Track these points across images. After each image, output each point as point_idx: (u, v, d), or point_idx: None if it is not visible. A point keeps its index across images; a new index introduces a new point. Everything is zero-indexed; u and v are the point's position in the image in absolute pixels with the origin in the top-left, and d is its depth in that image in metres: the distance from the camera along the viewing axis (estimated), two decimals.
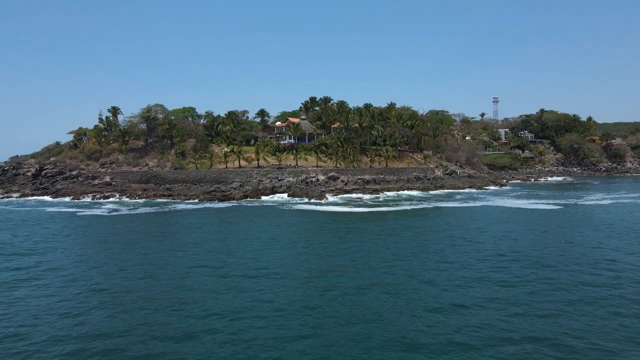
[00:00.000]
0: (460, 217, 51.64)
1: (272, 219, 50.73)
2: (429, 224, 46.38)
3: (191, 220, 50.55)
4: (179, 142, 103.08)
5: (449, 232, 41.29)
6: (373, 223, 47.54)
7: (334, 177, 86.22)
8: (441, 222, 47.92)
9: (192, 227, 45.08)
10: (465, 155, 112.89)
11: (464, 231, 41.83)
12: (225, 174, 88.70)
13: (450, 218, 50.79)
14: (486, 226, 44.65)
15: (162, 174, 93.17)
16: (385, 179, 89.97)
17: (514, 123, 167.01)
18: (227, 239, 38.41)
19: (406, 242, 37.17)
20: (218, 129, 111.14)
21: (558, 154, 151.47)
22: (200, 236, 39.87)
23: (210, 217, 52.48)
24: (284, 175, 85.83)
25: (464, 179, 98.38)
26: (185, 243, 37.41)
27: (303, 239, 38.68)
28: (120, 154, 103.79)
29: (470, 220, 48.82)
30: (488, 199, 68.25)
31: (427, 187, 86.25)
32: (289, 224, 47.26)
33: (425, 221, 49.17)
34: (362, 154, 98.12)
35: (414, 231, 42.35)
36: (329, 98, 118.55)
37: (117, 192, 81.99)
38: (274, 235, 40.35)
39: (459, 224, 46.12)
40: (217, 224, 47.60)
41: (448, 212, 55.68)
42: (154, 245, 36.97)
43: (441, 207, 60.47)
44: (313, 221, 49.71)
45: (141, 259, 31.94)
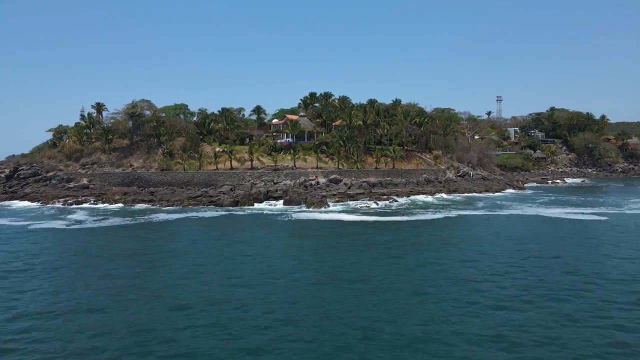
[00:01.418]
0: (492, 230, 41.80)
1: (265, 235, 40.68)
2: (458, 240, 36.50)
3: (166, 238, 40.48)
4: (166, 140, 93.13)
5: (485, 252, 31.45)
6: (390, 237, 37.67)
7: (335, 180, 76.28)
8: (472, 238, 38.02)
9: (164, 251, 34.88)
10: (477, 155, 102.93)
11: (506, 252, 31.97)
12: (215, 176, 78.75)
13: (482, 232, 40.90)
14: (533, 245, 34.77)
15: (147, 176, 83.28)
16: (393, 181, 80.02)
17: (524, 122, 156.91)
18: (205, 277, 27.64)
19: (437, 265, 27.37)
20: (210, 127, 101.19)
21: (571, 154, 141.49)
22: (170, 272, 28.51)
23: (189, 233, 42.44)
24: (280, 177, 75.87)
25: (478, 182, 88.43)
26: (147, 283, 27.42)
27: (310, 277, 28.34)
28: (102, 154, 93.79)
29: (507, 236, 38.90)
30: (514, 207, 58.32)
31: (439, 190, 76.37)
32: (287, 245, 36.90)
33: (451, 235, 39.33)
34: (367, 154, 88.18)
35: (441, 250, 32.53)
36: (330, 94, 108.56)
37: (93, 197, 72.11)
38: (267, 268, 30.27)
39: (494, 241, 36.24)
40: (194, 247, 37.61)
41: (475, 224, 45.88)
42: (102, 286, 27.02)
43: (465, 217, 50.64)
44: (317, 241, 39.69)
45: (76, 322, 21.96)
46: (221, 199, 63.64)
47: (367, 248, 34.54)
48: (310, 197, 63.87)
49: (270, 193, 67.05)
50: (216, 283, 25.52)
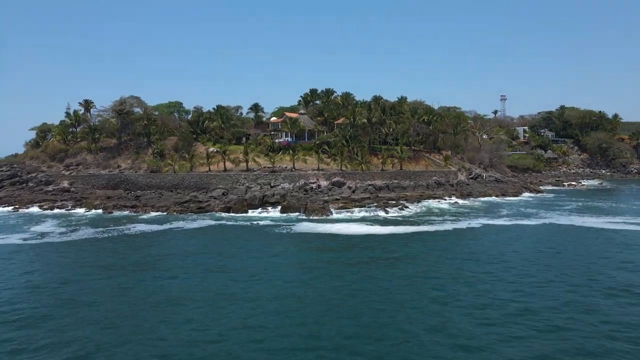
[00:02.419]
0: (533, 246, 34.43)
1: (255, 263, 32.94)
2: (492, 258, 29.09)
3: (134, 259, 33.06)
4: (157, 140, 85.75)
5: (540, 276, 24.10)
6: (415, 261, 30.26)
7: (338, 183, 68.83)
8: (515, 256, 30.60)
9: (121, 287, 27.35)
10: (488, 156, 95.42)
11: (567, 277, 24.61)
12: (207, 178, 71.35)
13: (522, 248, 33.49)
14: (595, 266, 27.38)
15: (134, 178, 75.93)
16: (401, 184, 72.57)
17: (533, 121, 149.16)
18: (174, 327, 20.41)
19: (494, 300, 20.05)
20: (204, 126, 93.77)
21: (583, 155, 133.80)
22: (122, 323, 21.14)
23: (166, 251, 35.00)
24: (277, 180, 68.42)
25: (491, 184, 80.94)
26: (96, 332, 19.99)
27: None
28: (88, 154, 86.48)
29: (555, 253, 31.54)
30: (543, 214, 50.84)
31: (451, 194, 68.93)
32: (283, 285, 26.32)
33: (487, 251, 31.92)
34: (372, 154, 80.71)
35: (491, 279, 25.14)
36: (332, 90, 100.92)
37: (72, 202, 64.77)
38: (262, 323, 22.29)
39: (544, 261, 28.84)
40: (169, 269, 30.19)
41: (508, 236, 38.59)
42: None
43: (491, 227, 43.30)
44: (324, 263, 32.19)
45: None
46: (211, 205, 56.22)
47: (396, 288, 25.10)
48: (310, 203, 56.44)
49: (267, 198, 59.60)
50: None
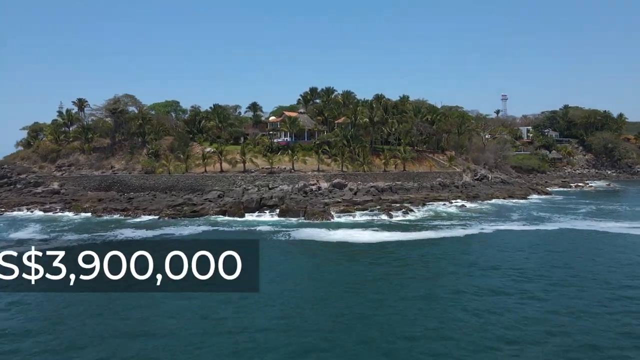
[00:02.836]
0: (552, 253, 31.41)
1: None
2: (516, 271, 25.99)
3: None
4: (152, 140, 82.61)
5: (575, 293, 21.03)
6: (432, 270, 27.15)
7: (339, 185, 65.74)
8: (533, 266, 27.48)
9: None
10: (493, 156, 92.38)
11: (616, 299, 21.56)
12: (202, 180, 68.28)
13: (546, 257, 30.40)
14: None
15: (127, 180, 72.86)
16: (404, 186, 69.48)
17: (536, 120, 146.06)
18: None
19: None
20: (201, 125, 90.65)
21: (588, 155, 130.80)
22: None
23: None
24: (276, 182, 65.34)
25: (497, 186, 77.83)
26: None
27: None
28: (81, 154, 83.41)
29: (580, 264, 28.42)
30: (556, 218, 47.73)
31: (457, 196, 65.84)
32: (285, 303, 22.68)
33: (502, 262, 28.79)
34: (373, 154, 77.65)
35: (516, 292, 22.06)
36: (332, 89, 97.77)
37: (61, 204, 61.67)
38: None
39: (578, 274, 25.75)
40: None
41: (522, 242, 35.56)
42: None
43: (505, 232, 40.18)
44: (329, 282, 28.78)
45: None
46: (206, 209, 53.11)
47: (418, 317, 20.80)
48: (310, 207, 53.36)
49: (264, 201, 56.47)
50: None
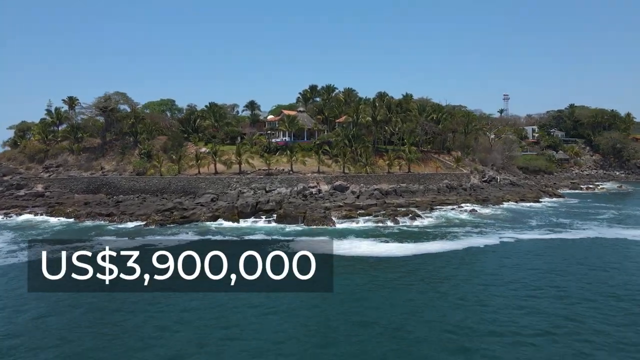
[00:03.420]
0: (590, 267, 27.02)
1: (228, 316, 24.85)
2: (553, 290, 21.77)
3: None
4: (144, 139, 78.34)
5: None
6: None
7: (341, 188, 61.43)
8: (572, 283, 23.24)
9: None
10: (500, 157, 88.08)
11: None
12: (195, 182, 64.01)
13: (580, 270, 26.09)
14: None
15: (117, 181, 68.59)
16: (409, 188, 65.15)
17: (541, 120, 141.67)
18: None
19: None
20: (196, 124, 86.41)
21: (595, 155, 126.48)
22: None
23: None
24: (273, 184, 61.03)
25: (507, 188, 73.52)
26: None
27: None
28: (70, 155, 79.20)
29: (622, 280, 24.14)
30: (578, 225, 43.43)
31: (465, 199, 61.47)
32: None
33: (538, 280, 24.54)
34: (376, 155, 73.38)
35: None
36: (333, 87, 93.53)
37: (44, 208, 57.35)
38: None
39: (618, 298, 21.50)
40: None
41: (552, 254, 31.29)
42: None
43: (527, 242, 35.99)
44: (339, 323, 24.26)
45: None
46: (197, 214, 48.73)
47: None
48: (310, 212, 49.03)
49: (260, 205, 52.12)
50: None
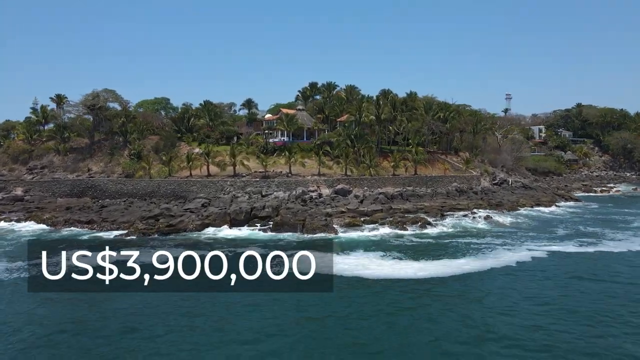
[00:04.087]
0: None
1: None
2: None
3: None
4: (135, 139, 73.39)
5: None
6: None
7: (343, 191, 56.47)
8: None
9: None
10: (510, 158, 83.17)
11: None
12: (187, 185, 59.05)
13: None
14: None
15: (103, 184, 63.66)
16: (416, 192, 60.20)
17: (547, 120, 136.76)
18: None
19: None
20: (190, 123, 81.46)
21: (604, 156, 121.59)
22: None
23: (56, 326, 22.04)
24: (270, 188, 56.07)
25: (519, 191, 68.56)
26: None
27: None
28: (56, 155, 74.25)
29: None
30: (612, 235, 38.42)
31: (477, 204, 56.44)
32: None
33: (604, 310, 19.62)
34: (380, 156, 68.45)
35: None
36: (334, 84, 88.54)
37: (22, 213, 52.51)
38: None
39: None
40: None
41: (594, 271, 26.56)
42: None
43: (563, 255, 30.93)
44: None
45: None
46: (185, 222, 43.71)
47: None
48: (310, 219, 44.07)
49: (255, 211, 47.15)
50: None
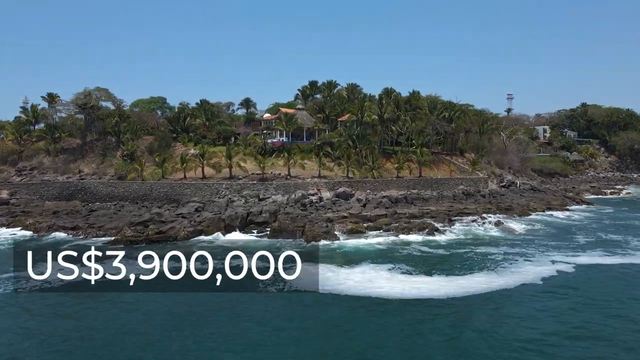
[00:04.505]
0: None
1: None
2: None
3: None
4: (128, 140, 70.31)
5: None
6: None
7: (345, 195, 53.37)
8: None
9: None
10: (517, 159, 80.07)
11: None
12: (180, 188, 56.00)
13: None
14: None
15: (93, 187, 60.66)
16: (421, 195, 57.10)
17: (552, 119, 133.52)
18: None
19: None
20: (186, 123, 78.35)
21: (611, 157, 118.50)
22: None
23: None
24: (268, 191, 52.97)
25: (528, 194, 65.44)
26: None
27: None
28: (46, 156, 71.20)
29: None
30: (636, 244, 35.28)
31: (486, 208, 53.29)
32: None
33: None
34: (383, 157, 65.37)
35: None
36: (335, 83, 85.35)
37: (6, 218, 49.42)
38: None
39: None
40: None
41: (633, 289, 23.11)
42: None
43: (592, 268, 27.81)
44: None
45: None
46: (175, 228, 40.58)
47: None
48: (310, 225, 41.00)
49: (252, 216, 44.07)
50: None
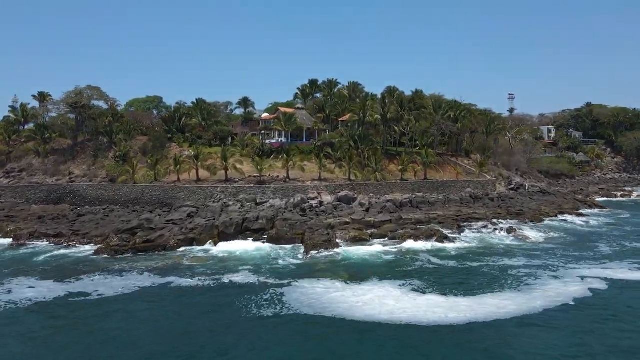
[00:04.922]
0: None
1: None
2: None
3: None
4: (121, 140, 67.27)
5: None
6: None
7: (347, 199, 50.29)
8: None
9: None
10: (524, 160, 77.04)
11: None
12: (173, 191, 52.94)
13: None
14: None
15: (82, 190, 57.64)
16: (427, 199, 54.04)
17: (556, 119, 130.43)
18: None
19: None
20: (182, 123, 75.22)
21: (617, 157, 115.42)
22: None
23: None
24: (265, 195, 49.89)
25: (538, 197, 62.41)
26: None
27: None
28: (36, 158, 68.18)
29: None
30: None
31: (495, 213, 50.23)
32: None
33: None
34: (386, 159, 62.30)
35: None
36: (336, 81, 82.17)
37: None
38: None
39: None
40: None
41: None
42: None
43: (622, 285, 25.02)
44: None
45: None
46: (165, 237, 37.51)
47: None
48: (310, 233, 37.94)
49: (248, 223, 40.99)
50: None
